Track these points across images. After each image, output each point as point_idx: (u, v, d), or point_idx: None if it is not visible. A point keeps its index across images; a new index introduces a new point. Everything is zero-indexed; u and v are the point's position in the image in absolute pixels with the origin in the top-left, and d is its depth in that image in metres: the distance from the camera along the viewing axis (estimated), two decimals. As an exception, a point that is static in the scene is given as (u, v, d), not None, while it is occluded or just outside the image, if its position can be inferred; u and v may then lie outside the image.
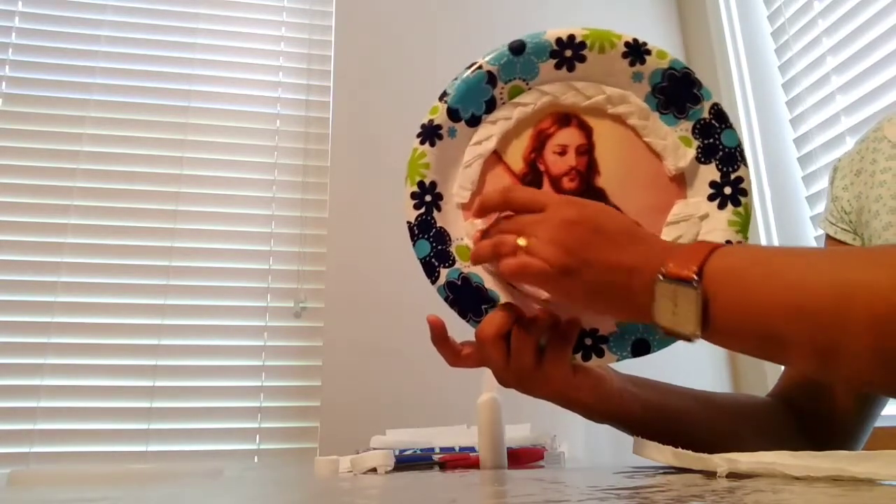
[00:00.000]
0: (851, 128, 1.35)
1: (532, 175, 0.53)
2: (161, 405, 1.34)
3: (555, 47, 0.51)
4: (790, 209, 1.52)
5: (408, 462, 0.72)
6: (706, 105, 0.51)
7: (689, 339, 0.41)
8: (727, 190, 0.51)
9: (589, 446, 1.35)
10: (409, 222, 0.51)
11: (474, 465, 0.68)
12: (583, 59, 0.51)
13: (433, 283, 0.51)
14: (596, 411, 0.54)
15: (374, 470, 0.62)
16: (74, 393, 1.32)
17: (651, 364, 0.67)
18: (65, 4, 1.55)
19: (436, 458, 0.73)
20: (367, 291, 1.45)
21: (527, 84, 0.52)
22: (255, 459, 1.35)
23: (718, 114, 0.51)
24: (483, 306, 0.51)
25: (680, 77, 0.51)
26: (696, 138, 0.51)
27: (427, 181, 0.51)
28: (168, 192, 1.48)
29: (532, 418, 0.91)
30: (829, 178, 0.72)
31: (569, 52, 0.51)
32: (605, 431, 0.58)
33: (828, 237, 0.70)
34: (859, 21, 1.33)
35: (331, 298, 1.45)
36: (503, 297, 0.51)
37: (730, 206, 0.50)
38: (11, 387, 1.31)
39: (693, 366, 1.53)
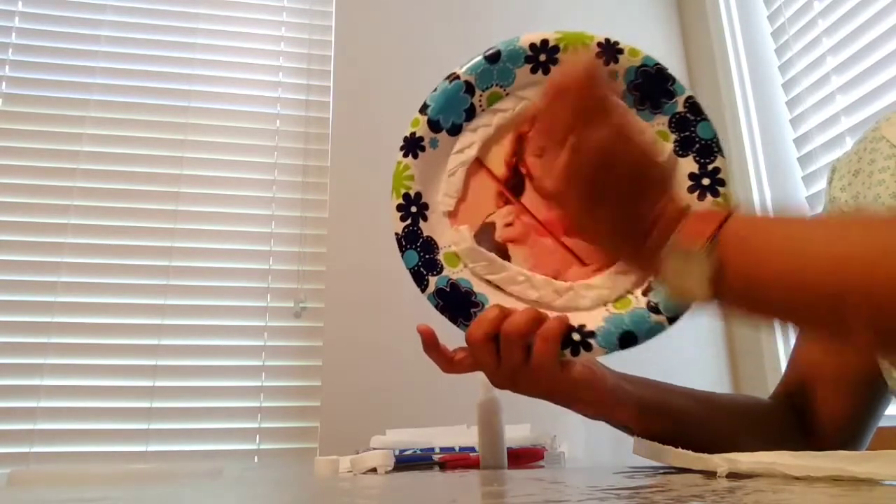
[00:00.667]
0: (851, 128, 1.34)
1: (515, 178, 0.53)
2: (161, 405, 1.34)
3: (529, 53, 0.52)
4: (790, 209, 1.51)
5: (408, 462, 0.72)
6: (680, 99, 0.51)
7: (699, 304, 0.41)
8: (705, 181, 0.51)
9: (589, 446, 1.35)
10: (396, 234, 0.52)
11: (474, 465, 0.68)
12: (557, 62, 0.52)
13: (423, 291, 0.51)
14: (591, 408, 0.54)
15: (374, 470, 0.62)
16: (74, 393, 1.32)
17: (651, 364, 0.67)
18: (65, 4, 1.55)
19: (436, 458, 0.73)
20: (367, 291, 1.45)
21: (504, 90, 0.53)
22: (255, 459, 1.35)
23: (693, 106, 0.51)
24: (472, 310, 0.51)
25: (653, 73, 0.52)
26: (672, 132, 0.52)
27: (412, 192, 0.53)
28: (168, 192, 1.48)
29: (532, 418, 0.91)
30: (828, 179, 0.72)
31: (543, 57, 0.52)
32: (605, 431, 0.58)
33: None
34: (859, 21, 1.33)
35: (331, 298, 1.45)
36: (491, 300, 0.51)
37: (709, 197, 0.51)
38: (11, 387, 1.31)
39: (693, 366, 1.53)
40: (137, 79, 1.54)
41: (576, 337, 0.50)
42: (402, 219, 0.52)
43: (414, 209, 0.52)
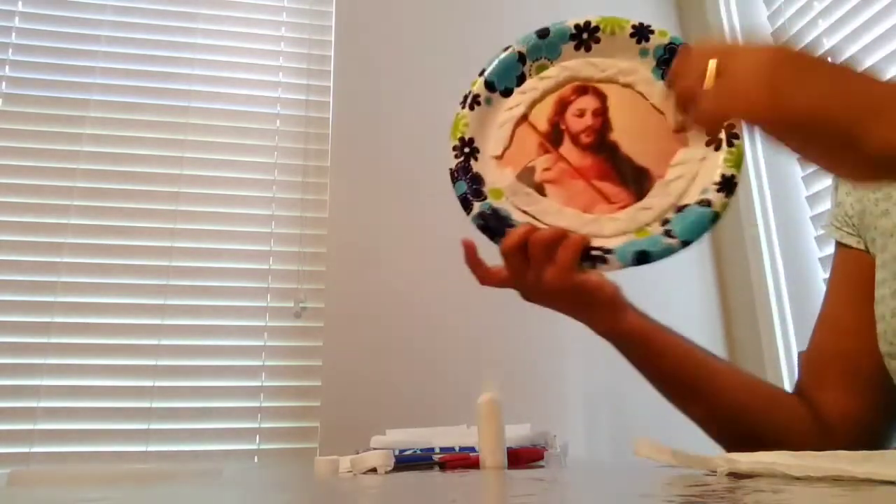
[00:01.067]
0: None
1: (555, 133, 0.62)
2: (161, 405, 1.34)
3: (574, 31, 0.62)
4: (790, 209, 1.51)
5: (408, 462, 0.72)
6: None
7: None
8: (721, 135, 0.58)
9: (589, 446, 1.35)
10: (450, 169, 0.60)
11: (474, 465, 0.68)
12: (598, 40, 0.62)
13: (468, 214, 0.59)
14: (602, 313, 0.62)
15: (374, 470, 0.62)
16: (74, 393, 1.32)
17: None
18: (65, 4, 1.55)
19: (436, 458, 0.73)
20: (367, 291, 1.45)
21: (551, 62, 0.63)
22: (255, 459, 1.35)
23: None
24: (509, 231, 0.58)
25: (679, 49, 0.60)
26: None
27: (466, 137, 0.62)
28: (168, 193, 1.48)
29: (532, 418, 0.91)
30: (833, 184, 0.71)
31: (585, 35, 0.62)
32: (605, 431, 0.59)
33: (837, 243, 0.69)
34: (859, 21, 1.33)
35: (331, 298, 1.45)
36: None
37: (724, 148, 0.58)
38: (11, 387, 1.31)
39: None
40: (137, 79, 1.54)
41: (595, 253, 0.57)
42: (457, 157, 0.61)
43: (467, 150, 0.62)
